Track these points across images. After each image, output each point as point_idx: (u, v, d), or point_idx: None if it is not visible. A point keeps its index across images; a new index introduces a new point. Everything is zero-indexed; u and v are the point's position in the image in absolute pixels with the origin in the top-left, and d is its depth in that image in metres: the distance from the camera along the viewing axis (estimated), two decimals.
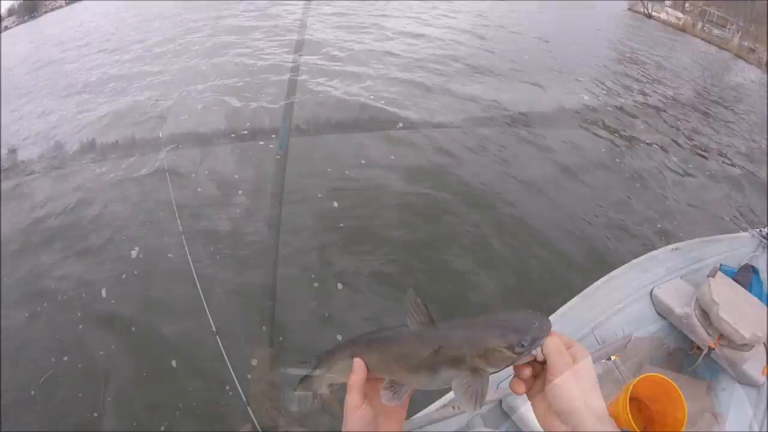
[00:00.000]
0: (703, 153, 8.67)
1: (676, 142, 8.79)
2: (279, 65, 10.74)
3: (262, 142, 7.00)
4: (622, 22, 31.49)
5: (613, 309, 2.83)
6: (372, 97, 8.61)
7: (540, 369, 0.82)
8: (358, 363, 0.90)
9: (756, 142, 10.30)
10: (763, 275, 3.30)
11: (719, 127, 10.70)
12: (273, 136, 7.14)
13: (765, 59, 27.78)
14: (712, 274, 2.97)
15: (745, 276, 3.22)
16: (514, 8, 23.10)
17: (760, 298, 2.97)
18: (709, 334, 2.68)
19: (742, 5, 36.14)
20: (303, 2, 18.96)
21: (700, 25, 37.36)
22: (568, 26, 21.27)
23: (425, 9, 19.16)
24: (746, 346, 2.62)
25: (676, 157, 7.99)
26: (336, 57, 11.32)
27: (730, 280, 3.00)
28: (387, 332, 0.93)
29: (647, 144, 8.28)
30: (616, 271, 3.10)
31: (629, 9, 39.64)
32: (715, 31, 36.41)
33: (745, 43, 32.19)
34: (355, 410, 0.88)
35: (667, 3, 42.51)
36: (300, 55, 11.40)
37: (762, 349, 2.74)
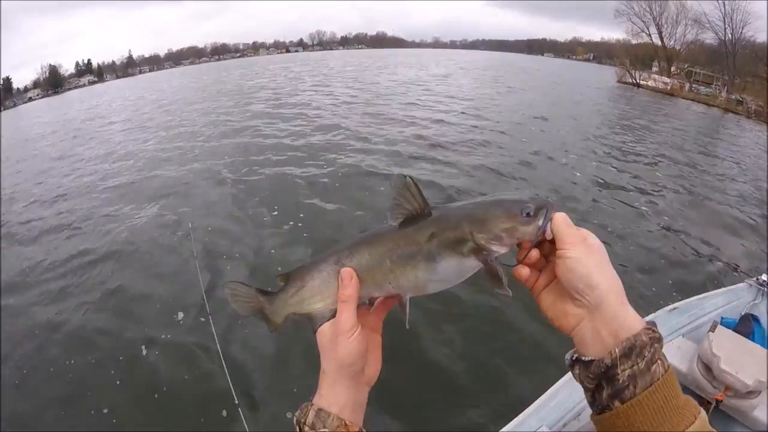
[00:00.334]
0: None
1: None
2: None
3: None
4: (614, 94, 32.92)
5: None
6: None
7: (544, 262, 0.78)
8: (348, 273, 0.78)
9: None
10: (764, 322, 3.40)
11: (707, 179, 11.10)
12: None
13: (753, 109, 28.25)
14: (713, 328, 3.06)
15: (746, 326, 3.32)
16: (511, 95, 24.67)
17: (762, 345, 3.05)
18: (714, 387, 2.77)
19: (724, 60, 37.48)
20: None
21: (687, 86, 38.53)
22: (563, 104, 22.45)
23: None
24: (752, 393, 2.70)
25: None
26: None
27: (730, 331, 3.08)
28: (376, 230, 0.84)
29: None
30: None
31: (619, 81, 41.76)
32: (703, 89, 37.41)
33: (733, 96, 32.94)
34: (349, 334, 0.76)
35: (654, 70, 44.46)
36: None
37: None
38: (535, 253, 0.76)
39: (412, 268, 0.78)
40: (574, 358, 0.72)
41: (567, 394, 2.72)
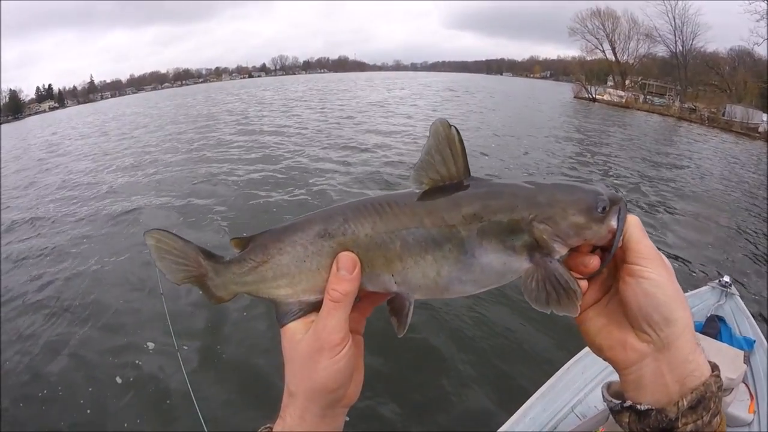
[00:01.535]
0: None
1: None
2: None
3: None
4: (571, 109, 33.91)
5: (588, 386, 2.94)
6: None
7: (598, 273, 0.60)
8: (349, 260, 0.58)
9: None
10: (730, 322, 3.51)
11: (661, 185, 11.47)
12: None
13: (706, 115, 29.83)
14: None
15: (713, 327, 3.44)
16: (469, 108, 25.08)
17: (730, 344, 3.16)
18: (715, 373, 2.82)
19: (676, 71, 39.45)
20: None
21: (641, 98, 40.24)
22: (520, 121, 22.91)
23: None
24: (725, 391, 2.76)
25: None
26: None
27: (697, 334, 3.17)
28: (389, 194, 0.62)
29: None
30: (582, 351, 3.12)
31: (575, 96, 43.09)
32: (657, 100, 39.19)
33: (686, 105, 34.63)
34: (337, 350, 0.56)
35: (609, 84, 46.29)
36: None
37: (743, 388, 2.90)
38: (596, 261, 0.59)
39: (435, 259, 0.57)
40: (625, 405, 0.57)
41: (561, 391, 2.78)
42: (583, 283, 0.58)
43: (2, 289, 6.55)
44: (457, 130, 0.57)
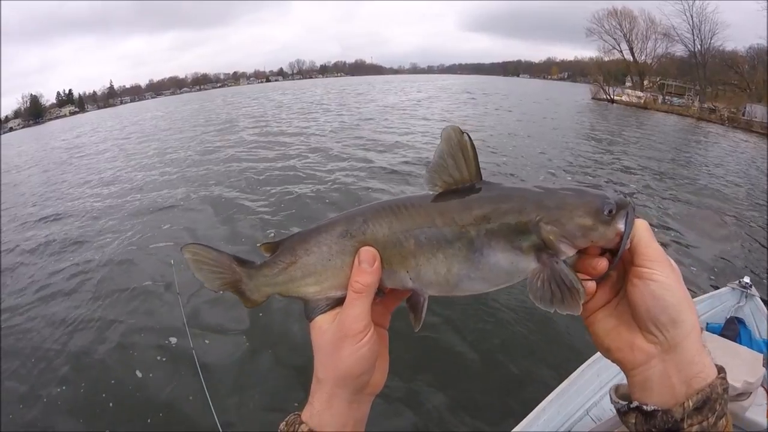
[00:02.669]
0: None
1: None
2: None
3: None
4: (589, 110, 33.54)
5: (603, 389, 2.90)
6: None
7: (606, 275, 0.61)
8: (370, 254, 0.61)
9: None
10: (749, 324, 3.44)
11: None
12: None
13: (726, 115, 29.17)
14: None
15: (732, 329, 3.36)
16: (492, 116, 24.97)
17: (749, 346, 3.09)
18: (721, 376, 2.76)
19: (695, 71, 38.71)
20: None
21: (660, 98, 39.59)
22: (536, 123, 22.77)
23: None
24: (743, 395, 2.69)
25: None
26: None
27: (716, 336, 3.12)
28: (406, 197, 0.66)
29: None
30: (596, 354, 3.01)
31: (593, 98, 42.44)
32: (676, 101, 38.48)
33: (705, 105, 33.95)
34: (359, 338, 0.60)
35: (627, 85, 45.71)
36: None
37: (761, 392, 2.82)
38: (604, 263, 0.60)
39: (445, 257, 0.60)
40: (632, 406, 0.58)
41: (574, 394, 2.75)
42: (591, 285, 0.59)
43: (27, 281, 6.91)
44: (469, 137, 0.60)
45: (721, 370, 0.56)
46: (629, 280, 0.59)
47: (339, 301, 0.63)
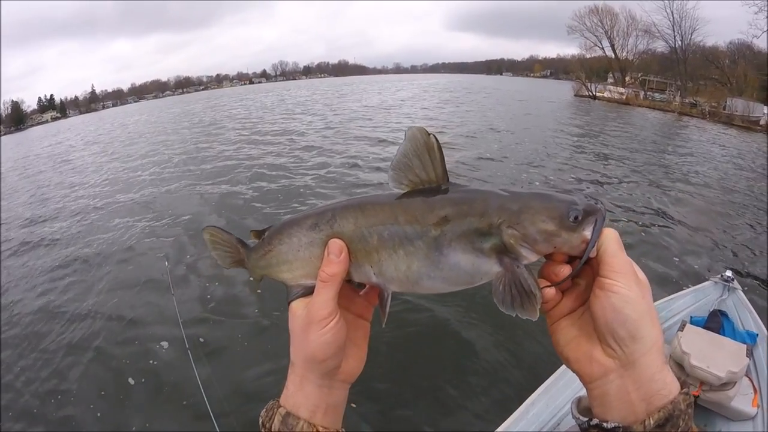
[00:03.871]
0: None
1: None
2: None
3: None
4: (572, 107, 33.67)
5: None
6: None
7: (569, 282, 0.62)
8: (337, 246, 0.63)
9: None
10: (732, 317, 3.51)
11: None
12: None
13: (707, 110, 29.57)
14: (681, 328, 3.12)
15: (715, 322, 3.41)
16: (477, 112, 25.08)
17: (733, 338, 3.16)
18: (690, 384, 2.82)
19: (676, 66, 39.29)
20: None
21: (642, 94, 39.97)
22: (519, 120, 22.89)
23: None
24: (727, 385, 2.76)
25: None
26: None
27: (699, 329, 3.16)
28: (371, 195, 0.69)
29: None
30: None
31: (576, 94, 42.85)
32: (657, 96, 38.87)
33: (686, 100, 34.40)
34: (323, 324, 0.62)
35: (609, 81, 46.10)
36: None
37: (746, 382, 2.88)
38: (567, 270, 0.59)
39: (406, 254, 0.61)
40: (592, 423, 0.57)
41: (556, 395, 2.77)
42: (549, 291, 0.60)
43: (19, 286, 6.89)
44: (436, 138, 0.61)
45: (683, 385, 0.56)
46: (593, 291, 0.58)
47: (312, 289, 0.65)
